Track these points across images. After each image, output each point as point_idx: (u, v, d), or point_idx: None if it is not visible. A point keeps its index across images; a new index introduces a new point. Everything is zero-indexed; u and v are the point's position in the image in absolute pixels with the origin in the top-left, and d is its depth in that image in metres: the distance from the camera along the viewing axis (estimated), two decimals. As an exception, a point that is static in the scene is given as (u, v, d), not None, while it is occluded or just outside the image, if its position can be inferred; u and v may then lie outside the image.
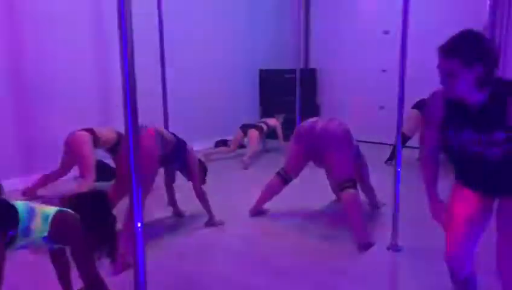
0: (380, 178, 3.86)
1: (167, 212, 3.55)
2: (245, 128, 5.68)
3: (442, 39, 1.63)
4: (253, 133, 5.60)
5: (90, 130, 3.76)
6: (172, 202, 3.51)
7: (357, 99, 6.82)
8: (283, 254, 2.84)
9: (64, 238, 1.82)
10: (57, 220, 1.76)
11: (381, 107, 6.64)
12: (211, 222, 3.29)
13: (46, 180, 3.96)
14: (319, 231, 3.23)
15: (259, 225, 3.39)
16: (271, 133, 6.05)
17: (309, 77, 7.22)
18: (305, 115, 6.15)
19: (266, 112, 7.03)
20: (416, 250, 2.84)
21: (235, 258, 2.79)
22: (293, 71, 7.24)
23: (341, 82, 7.15)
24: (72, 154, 3.74)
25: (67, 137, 3.76)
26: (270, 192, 3.50)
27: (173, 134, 3.13)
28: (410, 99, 5.02)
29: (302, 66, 7.66)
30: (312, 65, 7.61)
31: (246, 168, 5.16)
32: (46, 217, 1.73)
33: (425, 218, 2.09)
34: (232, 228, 3.28)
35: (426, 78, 3.67)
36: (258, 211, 3.55)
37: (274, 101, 7.14)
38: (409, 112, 5.04)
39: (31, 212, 1.71)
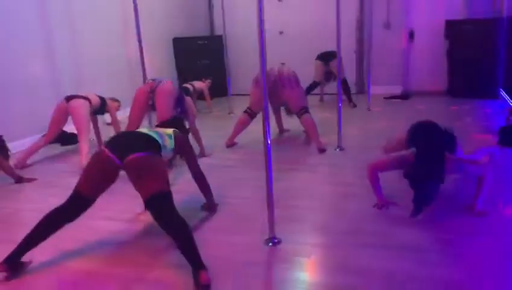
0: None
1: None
2: None
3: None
4: (189, 101, 6.30)
5: (84, 97, 4.32)
6: None
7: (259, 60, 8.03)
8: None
9: (182, 149, 2.73)
10: (177, 137, 2.66)
11: (283, 63, 7.99)
12: (202, 153, 4.28)
13: (35, 148, 4.32)
14: (281, 148, 4.52)
15: (235, 151, 4.51)
16: (199, 95, 6.83)
17: (217, 42, 8.13)
18: (219, 77, 7.25)
19: (184, 78, 7.79)
20: (353, 148, 4.28)
21: (231, 172, 3.87)
22: (203, 38, 8.19)
23: (243, 46, 8.26)
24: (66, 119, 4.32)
25: (63, 104, 4.25)
26: (241, 126, 4.58)
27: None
28: (311, 54, 6.55)
29: (209, 33, 8.65)
30: (217, 32, 8.58)
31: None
32: (169, 136, 2.62)
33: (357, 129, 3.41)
34: (223, 154, 4.36)
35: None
36: (231, 144, 4.63)
37: (189, 67, 7.96)
38: (315, 63, 6.54)
39: (160, 135, 2.57)
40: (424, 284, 2.02)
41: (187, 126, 4.12)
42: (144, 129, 2.69)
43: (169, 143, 2.58)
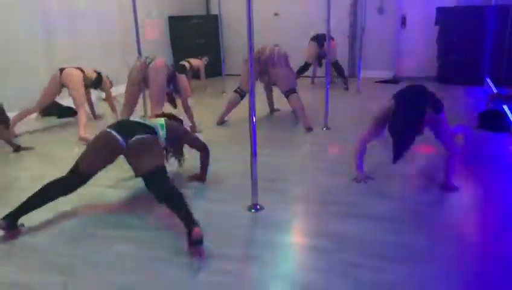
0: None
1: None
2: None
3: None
4: (183, 79, 6.42)
5: (80, 69, 4.46)
6: None
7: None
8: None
9: (177, 138, 2.90)
10: (168, 126, 2.82)
11: (276, 45, 8.09)
12: (193, 129, 4.43)
13: (23, 115, 4.42)
14: (270, 126, 4.67)
15: (225, 129, 4.67)
16: (194, 73, 6.94)
17: (213, 22, 8.18)
18: (214, 56, 7.35)
19: (179, 56, 7.88)
20: (340, 128, 4.46)
21: (220, 147, 4.03)
22: (199, 17, 8.25)
23: (238, 26, 8.29)
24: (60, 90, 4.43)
25: (57, 75, 4.38)
26: (231, 105, 4.73)
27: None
28: (306, 36, 6.67)
29: (205, 12, 8.71)
30: (213, 11, 8.63)
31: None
32: (162, 126, 2.78)
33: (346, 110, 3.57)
34: (213, 131, 4.50)
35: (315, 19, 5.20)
36: (222, 121, 4.79)
37: (184, 46, 8.03)
38: (309, 44, 6.67)
39: (156, 126, 2.72)
40: (389, 248, 2.22)
41: (180, 105, 4.30)
42: (137, 119, 2.86)
43: (162, 133, 2.75)
